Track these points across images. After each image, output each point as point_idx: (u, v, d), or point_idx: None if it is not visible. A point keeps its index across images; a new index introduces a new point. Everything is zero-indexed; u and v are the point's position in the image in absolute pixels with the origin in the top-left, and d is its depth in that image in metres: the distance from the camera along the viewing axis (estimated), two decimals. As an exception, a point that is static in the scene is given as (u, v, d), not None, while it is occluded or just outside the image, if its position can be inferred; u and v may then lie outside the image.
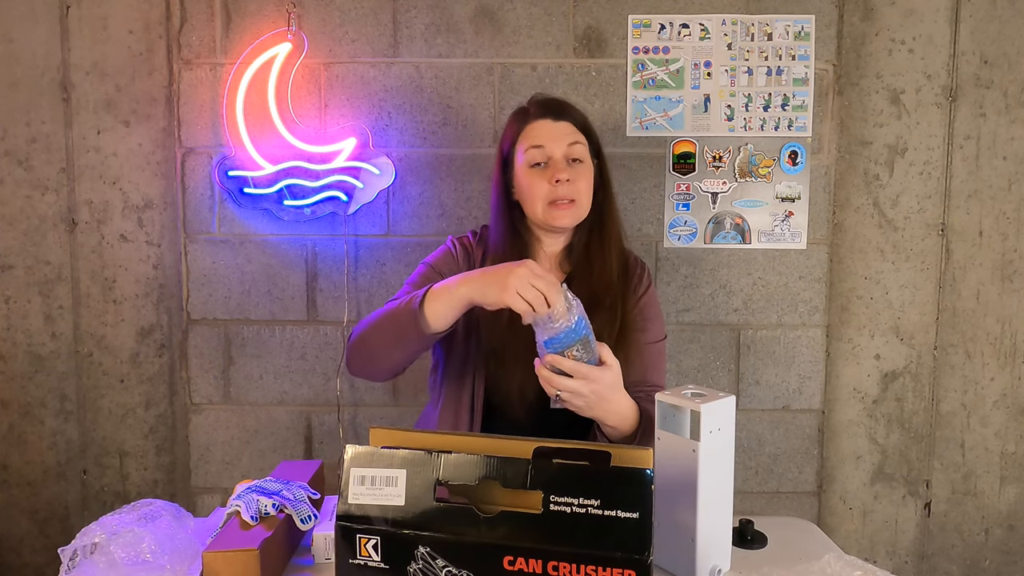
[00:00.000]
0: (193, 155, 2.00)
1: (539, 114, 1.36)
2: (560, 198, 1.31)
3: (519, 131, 1.37)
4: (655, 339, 1.41)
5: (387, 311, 1.24)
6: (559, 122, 1.34)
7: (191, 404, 2.07)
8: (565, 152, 1.33)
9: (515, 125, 1.38)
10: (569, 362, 1.10)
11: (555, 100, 1.40)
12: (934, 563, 2.10)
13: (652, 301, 1.44)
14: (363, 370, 1.31)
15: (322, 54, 1.97)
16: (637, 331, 1.37)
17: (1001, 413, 2.05)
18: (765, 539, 1.12)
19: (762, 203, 2.00)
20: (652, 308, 1.43)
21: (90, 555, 0.97)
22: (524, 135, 1.35)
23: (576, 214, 1.34)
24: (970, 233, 2.01)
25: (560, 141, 1.33)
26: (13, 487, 2.08)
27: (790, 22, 1.96)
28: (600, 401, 1.14)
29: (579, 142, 1.34)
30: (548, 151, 1.33)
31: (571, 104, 1.42)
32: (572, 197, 1.32)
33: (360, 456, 0.85)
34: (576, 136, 1.34)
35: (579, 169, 1.34)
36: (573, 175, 1.32)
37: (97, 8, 1.97)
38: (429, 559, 0.82)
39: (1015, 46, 1.96)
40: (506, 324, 1.30)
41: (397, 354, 1.24)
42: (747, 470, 2.07)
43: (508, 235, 1.38)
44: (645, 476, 0.78)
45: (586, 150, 1.36)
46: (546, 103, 1.39)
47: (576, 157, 1.33)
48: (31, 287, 2.04)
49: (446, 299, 1.18)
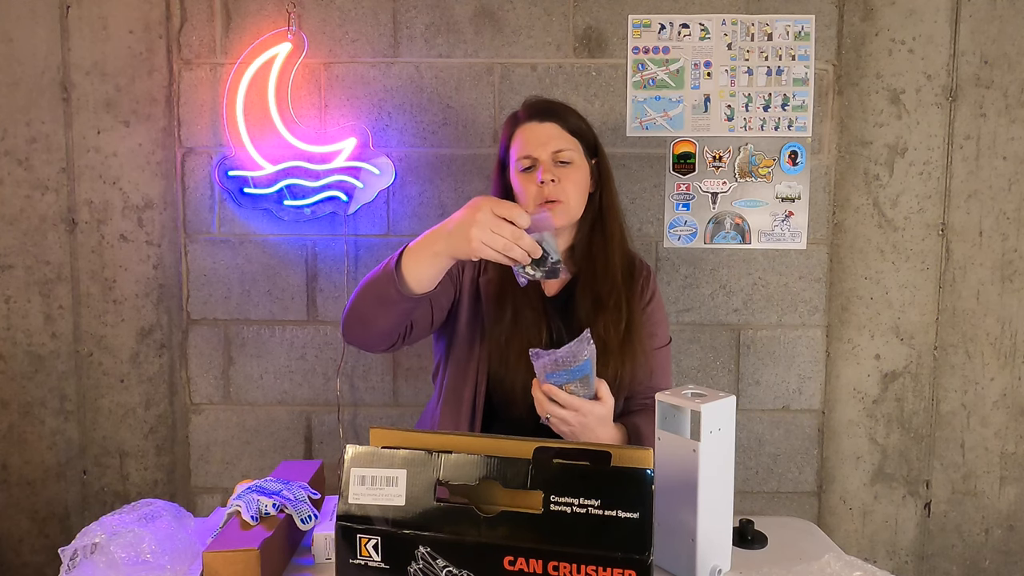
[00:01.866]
0: (193, 155, 2.00)
1: (527, 117, 1.37)
2: (547, 199, 1.32)
3: (511, 136, 1.39)
4: (662, 344, 1.43)
5: (369, 277, 1.23)
6: (544, 123, 1.35)
7: (191, 404, 2.07)
8: (551, 154, 1.33)
9: (507, 130, 1.41)
10: (564, 395, 1.12)
11: (543, 102, 1.41)
12: (934, 563, 2.10)
13: (659, 306, 1.45)
14: (356, 338, 1.29)
15: (322, 54, 1.97)
16: (646, 337, 1.38)
17: (1001, 413, 2.05)
18: (765, 539, 1.12)
19: (762, 203, 2.00)
20: (659, 313, 1.44)
21: (90, 555, 0.97)
22: (514, 139, 1.37)
23: (565, 214, 1.34)
24: (970, 233, 2.01)
25: (545, 144, 1.34)
26: (13, 487, 2.08)
27: (790, 22, 1.96)
28: (585, 431, 1.15)
29: (565, 145, 1.34)
30: (535, 154, 1.34)
31: (562, 105, 1.42)
32: (558, 198, 1.32)
33: (360, 456, 0.85)
34: (562, 138, 1.35)
35: (566, 170, 1.34)
36: (559, 175, 1.32)
37: (97, 8, 1.97)
38: (429, 559, 0.82)
39: (1015, 46, 1.96)
40: (510, 321, 1.31)
41: (383, 319, 1.22)
42: (747, 470, 2.07)
43: None
44: (645, 476, 0.78)
45: (576, 151, 1.36)
46: (534, 105, 1.40)
47: (563, 159, 1.34)
48: (31, 287, 2.04)
49: (422, 257, 1.15)
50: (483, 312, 1.35)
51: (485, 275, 1.39)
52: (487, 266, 1.38)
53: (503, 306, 1.33)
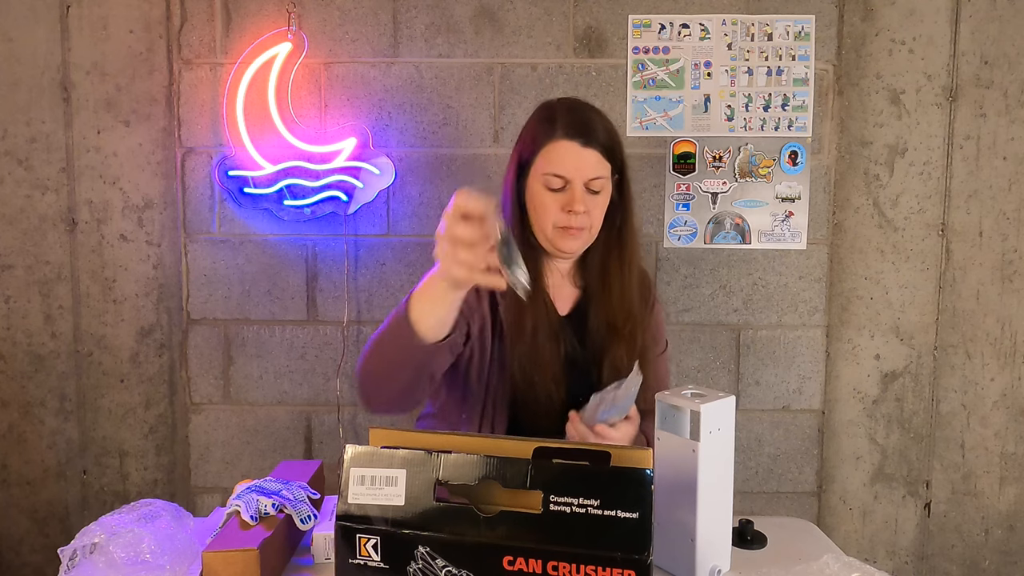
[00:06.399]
0: (193, 155, 2.00)
1: (567, 133, 1.24)
2: (571, 227, 1.25)
3: (542, 145, 1.26)
4: (662, 350, 1.43)
5: (380, 332, 1.15)
6: (586, 149, 1.24)
7: (191, 404, 2.07)
8: (586, 183, 1.25)
9: (540, 136, 1.27)
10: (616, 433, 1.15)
11: (584, 118, 1.27)
12: (934, 563, 2.10)
13: (659, 316, 1.43)
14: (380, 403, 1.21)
15: (322, 54, 1.97)
16: (650, 347, 1.36)
17: (1001, 413, 2.05)
18: (765, 539, 1.12)
19: (762, 203, 2.00)
20: (661, 321, 1.43)
21: (90, 555, 0.97)
22: (546, 153, 1.25)
23: (585, 241, 1.29)
24: (970, 233, 2.01)
25: (582, 171, 1.24)
26: (13, 487, 2.08)
27: (790, 22, 1.96)
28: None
29: (601, 173, 1.26)
30: (569, 176, 1.24)
31: (600, 120, 1.29)
32: (583, 226, 1.26)
33: (360, 456, 0.85)
34: (600, 167, 1.26)
35: (596, 199, 1.27)
36: (589, 205, 1.25)
37: (97, 8, 1.96)
38: (429, 559, 0.82)
39: (1015, 46, 1.96)
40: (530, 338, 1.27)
41: (404, 372, 1.15)
42: (747, 470, 2.07)
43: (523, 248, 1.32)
44: (645, 476, 0.78)
45: (607, 180, 1.28)
46: (577, 124, 1.25)
47: (595, 188, 1.26)
48: (31, 287, 2.03)
49: (427, 297, 1.09)
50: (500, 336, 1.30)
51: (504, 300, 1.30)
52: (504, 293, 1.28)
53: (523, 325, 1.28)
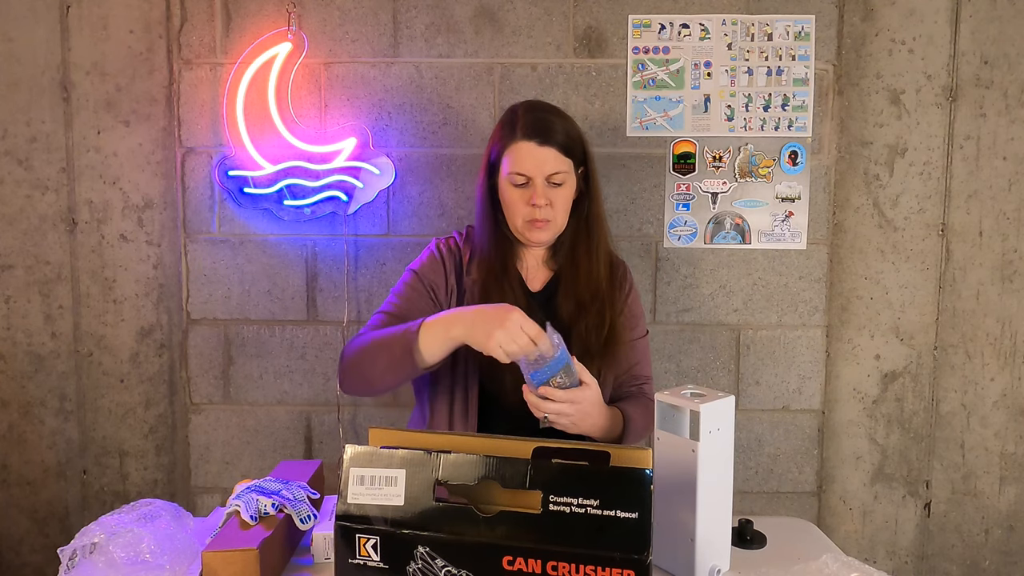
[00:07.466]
0: (193, 155, 2.00)
1: (526, 134, 1.36)
2: (536, 219, 1.37)
3: (505, 146, 1.38)
4: (641, 335, 1.50)
5: (379, 338, 1.28)
6: (543, 147, 1.35)
7: (191, 404, 2.07)
8: (546, 177, 1.36)
9: (504, 138, 1.38)
10: (556, 392, 1.20)
11: (544, 119, 1.39)
12: (934, 563, 2.10)
13: (636, 300, 1.52)
14: (357, 391, 1.37)
15: (322, 54, 1.97)
16: (627, 330, 1.45)
17: (1001, 413, 2.05)
18: (764, 539, 1.12)
19: (762, 203, 2.00)
20: (637, 306, 1.51)
21: (89, 555, 0.97)
22: (509, 153, 1.37)
23: (553, 232, 1.40)
24: (970, 233, 2.01)
25: (541, 167, 1.36)
26: (13, 487, 2.08)
27: (790, 22, 1.96)
28: (585, 418, 1.23)
29: (560, 168, 1.37)
30: (529, 174, 1.36)
31: (558, 119, 1.40)
32: (547, 218, 1.37)
33: (359, 456, 0.85)
34: (558, 163, 1.37)
35: (557, 191, 1.38)
36: (551, 197, 1.37)
37: (97, 8, 1.97)
38: (428, 559, 0.82)
39: (1015, 46, 1.96)
40: None
41: (390, 378, 1.30)
42: (747, 470, 2.07)
43: (493, 237, 1.42)
44: (644, 476, 0.78)
45: (568, 172, 1.39)
46: (534, 124, 1.37)
47: (556, 181, 1.37)
48: (31, 287, 2.04)
49: (438, 336, 1.23)
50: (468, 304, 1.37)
51: (469, 276, 1.41)
52: (471, 267, 1.42)
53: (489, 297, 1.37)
